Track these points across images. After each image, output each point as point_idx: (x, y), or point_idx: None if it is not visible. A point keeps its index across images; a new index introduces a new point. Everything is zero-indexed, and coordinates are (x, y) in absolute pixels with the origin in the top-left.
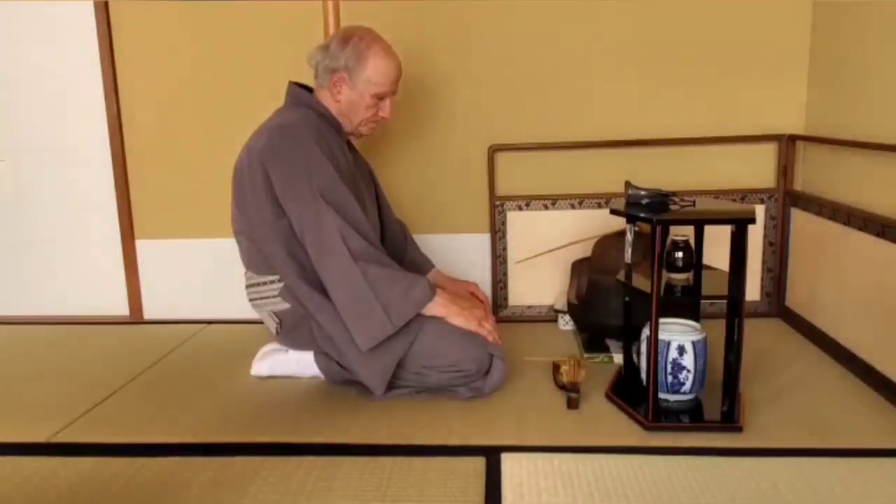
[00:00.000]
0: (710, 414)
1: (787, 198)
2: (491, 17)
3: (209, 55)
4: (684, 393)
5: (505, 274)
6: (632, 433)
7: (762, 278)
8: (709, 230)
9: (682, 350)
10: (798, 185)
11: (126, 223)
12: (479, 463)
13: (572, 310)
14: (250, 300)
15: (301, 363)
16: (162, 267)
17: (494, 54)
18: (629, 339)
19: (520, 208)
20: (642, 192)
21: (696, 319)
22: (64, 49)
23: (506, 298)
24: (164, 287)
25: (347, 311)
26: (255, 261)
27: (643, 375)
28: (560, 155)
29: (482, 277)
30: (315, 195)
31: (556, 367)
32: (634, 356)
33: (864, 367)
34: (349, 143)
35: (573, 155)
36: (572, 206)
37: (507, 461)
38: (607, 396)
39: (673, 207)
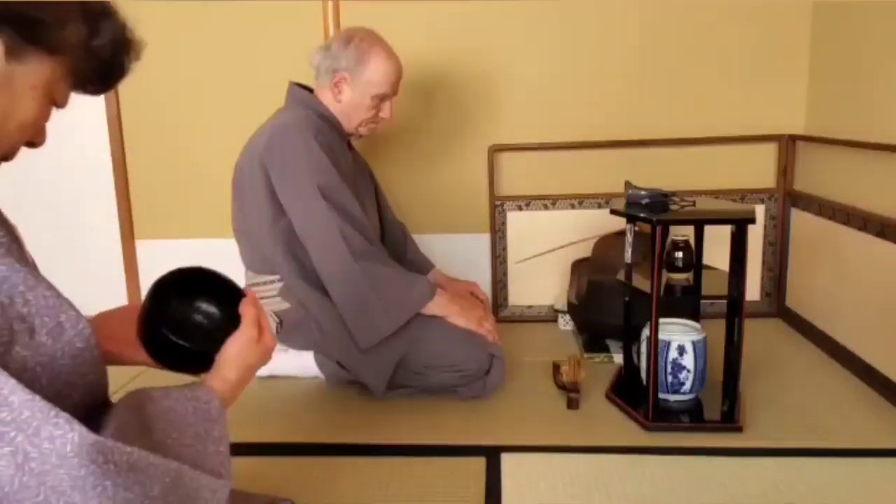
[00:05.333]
0: (710, 414)
1: (787, 198)
2: (491, 17)
3: (209, 55)
4: (684, 393)
5: (505, 274)
6: (632, 433)
7: (762, 278)
8: (709, 230)
9: (682, 350)
10: (798, 185)
11: (126, 223)
12: (479, 463)
13: (572, 310)
14: None
15: (301, 363)
16: (162, 267)
17: (494, 55)
18: (629, 339)
19: (520, 208)
20: (642, 192)
21: (696, 319)
22: None
23: (506, 298)
24: None
25: (347, 311)
26: (255, 260)
27: (643, 375)
28: (560, 155)
29: (482, 277)
30: (315, 195)
31: (556, 367)
32: (634, 356)
33: (864, 367)
34: (349, 144)
35: (573, 155)
36: (572, 206)
37: (507, 461)
38: (607, 396)
39: (673, 207)
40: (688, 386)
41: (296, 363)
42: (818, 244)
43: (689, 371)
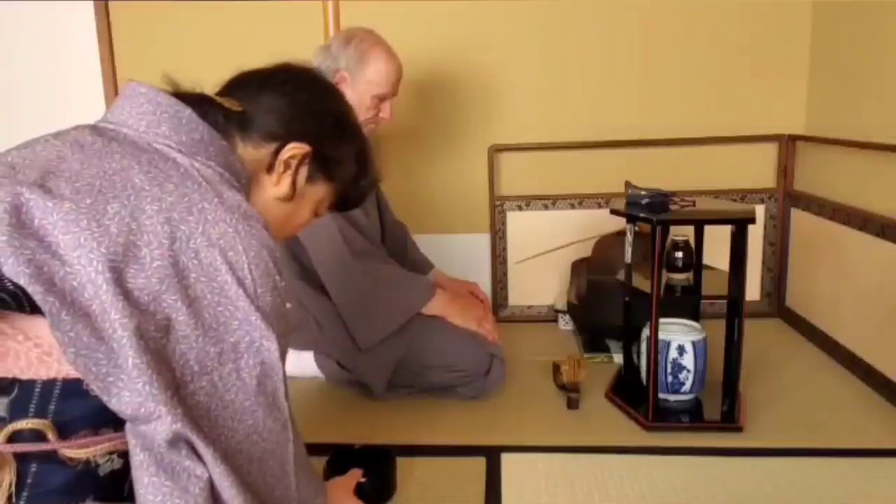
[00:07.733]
0: (710, 414)
1: (787, 198)
2: (491, 17)
3: (209, 55)
4: (684, 393)
5: (505, 274)
6: (632, 433)
7: (762, 278)
8: (709, 230)
9: (682, 350)
10: (798, 185)
11: None
12: (479, 463)
13: (572, 310)
14: None
15: (301, 363)
16: None
17: (494, 54)
18: (629, 339)
19: (520, 208)
20: (642, 192)
21: (696, 319)
22: (64, 49)
23: (506, 298)
24: None
25: (347, 310)
26: None
27: (643, 375)
28: (560, 155)
29: (482, 277)
30: None
31: (556, 367)
32: (634, 356)
33: (864, 367)
34: None
35: (573, 155)
36: (572, 206)
37: (507, 461)
38: (607, 396)
39: (673, 207)
40: (688, 386)
41: (296, 363)
42: (818, 244)
43: (689, 371)
